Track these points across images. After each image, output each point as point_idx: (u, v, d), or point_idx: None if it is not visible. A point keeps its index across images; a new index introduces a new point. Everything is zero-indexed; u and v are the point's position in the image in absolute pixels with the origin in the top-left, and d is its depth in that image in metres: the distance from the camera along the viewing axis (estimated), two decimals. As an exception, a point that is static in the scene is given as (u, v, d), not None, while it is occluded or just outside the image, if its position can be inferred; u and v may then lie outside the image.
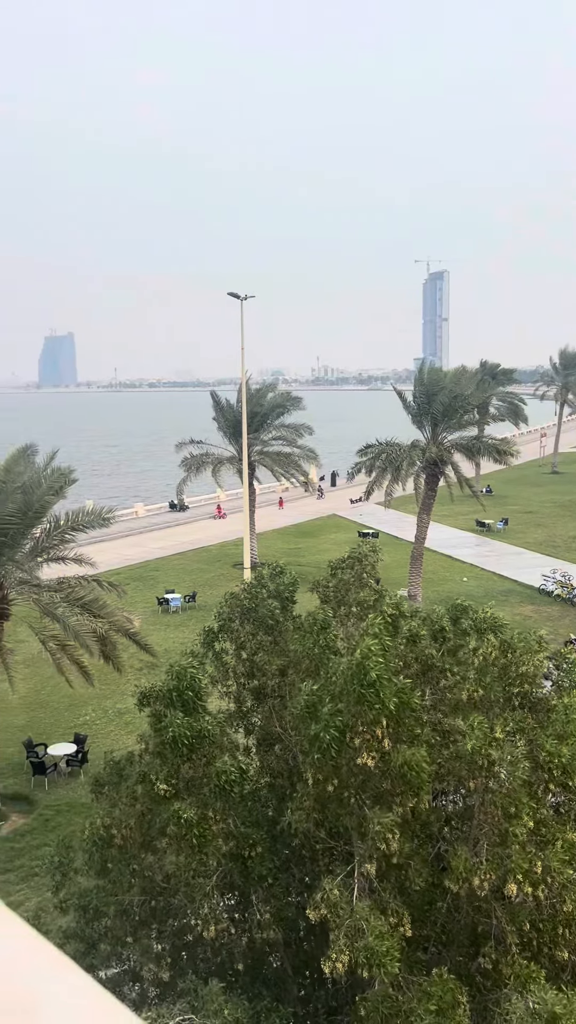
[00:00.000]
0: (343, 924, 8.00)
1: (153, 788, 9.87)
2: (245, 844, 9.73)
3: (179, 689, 10.08)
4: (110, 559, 44.80)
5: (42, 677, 27.57)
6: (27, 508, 19.71)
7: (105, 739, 24.49)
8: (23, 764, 22.82)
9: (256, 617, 11.12)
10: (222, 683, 11.20)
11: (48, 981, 0.64)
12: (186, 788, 9.64)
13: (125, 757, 11.83)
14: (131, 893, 9.51)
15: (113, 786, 11.28)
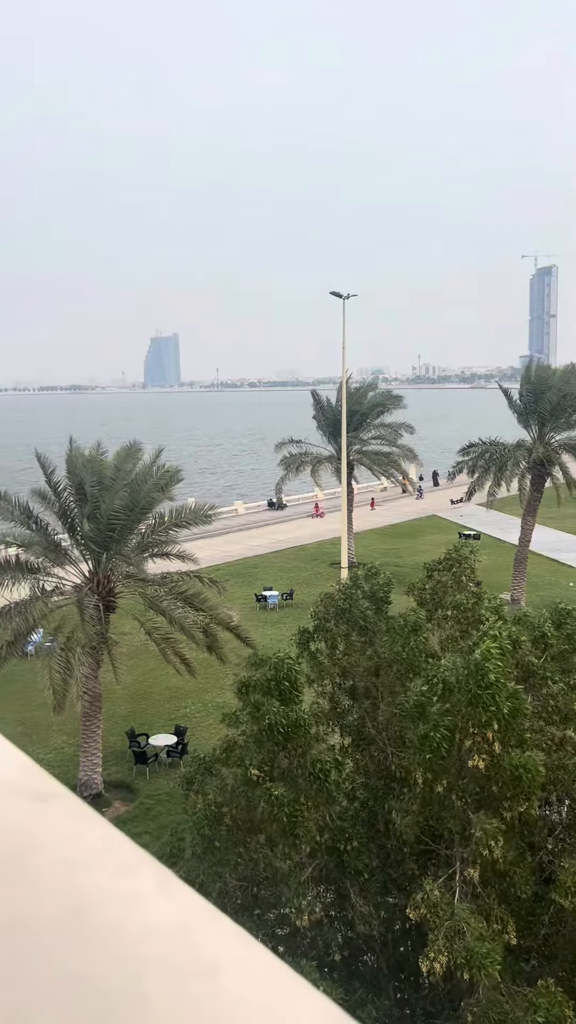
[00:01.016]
0: (443, 924, 7.93)
1: (246, 773, 10.03)
2: (341, 837, 9.76)
3: (277, 679, 10.21)
4: (211, 555, 45.63)
5: (144, 669, 28.33)
6: (134, 504, 20.31)
7: (204, 732, 24.96)
8: (126, 753, 23.53)
9: (350, 618, 11.11)
10: (317, 683, 11.24)
11: (226, 947, 0.66)
12: (281, 777, 9.74)
13: (211, 755, 12.03)
14: (234, 875, 9.68)
15: (201, 783, 11.48)
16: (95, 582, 20.58)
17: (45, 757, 23.63)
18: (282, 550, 52.58)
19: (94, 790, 20.88)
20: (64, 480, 21.21)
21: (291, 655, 10.66)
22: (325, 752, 9.49)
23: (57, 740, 24.70)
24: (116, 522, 20.13)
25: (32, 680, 27.12)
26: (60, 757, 23.61)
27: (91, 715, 20.77)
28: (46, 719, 25.77)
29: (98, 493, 20.40)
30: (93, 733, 20.86)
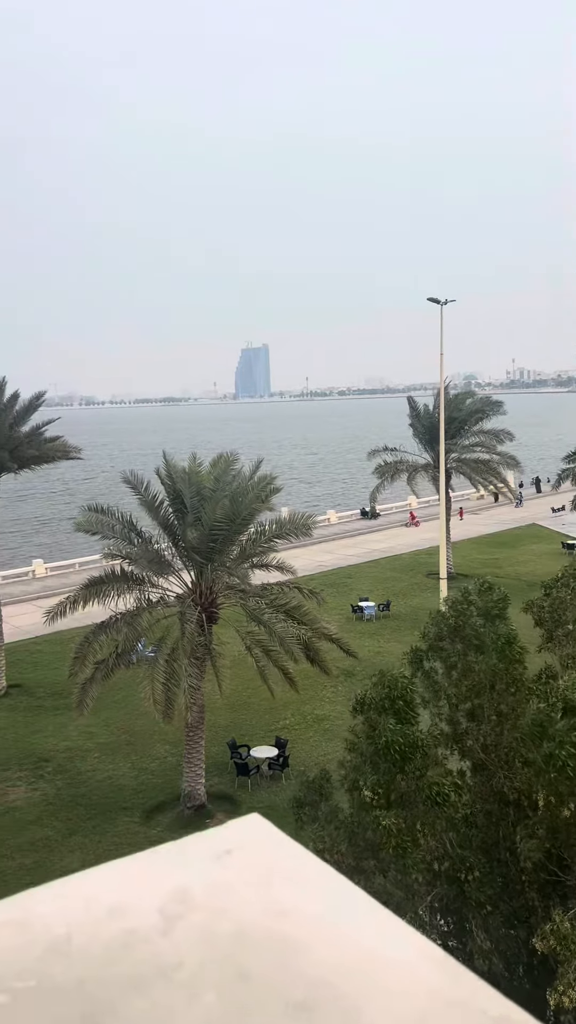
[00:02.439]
0: (574, 958, 7.43)
1: (360, 795, 9.71)
2: (462, 866, 9.33)
3: (391, 698, 9.87)
4: (304, 565, 45.45)
5: (243, 679, 28.29)
6: (235, 515, 20.33)
7: (304, 744, 24.78)
8: (227, 764, 23.56)
9: (463, 636, 10.66)
10: (433, 704, 10.83)
11: (387, 940, 0.62)
12: (399, 801, 9.38)
13: (321, 775, 11.75)
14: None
15: (313, 806, 11.21)
16: (198, 593, 20.70)
17: (149, 766, 23.92)
18: (377, 560, 51.99)
19: (198, 801, 20.95)
20: (164, 492, 21.46)
21: (404, 673, 10.29)
22: (444, 775, 9.09)
23: (160, 749, 24.96)
24: (218, 533, 20.20)
25: (136, 689, 27.62)
26: (163, 767, 23.84)
27: (195, 726, 20.86)
28: (149, 728, 26.13)
29: (199, 504, 20.54)
30: (196, 744, 20.95)
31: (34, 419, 31.77)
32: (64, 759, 24.66)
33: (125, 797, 22.04)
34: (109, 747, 25.36)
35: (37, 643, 37.00)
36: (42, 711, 28.76)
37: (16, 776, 23.64)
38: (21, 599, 45.74)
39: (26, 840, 20.09)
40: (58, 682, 31.13)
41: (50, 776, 23.54)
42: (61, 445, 31.88)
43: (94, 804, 21.73)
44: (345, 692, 28.75)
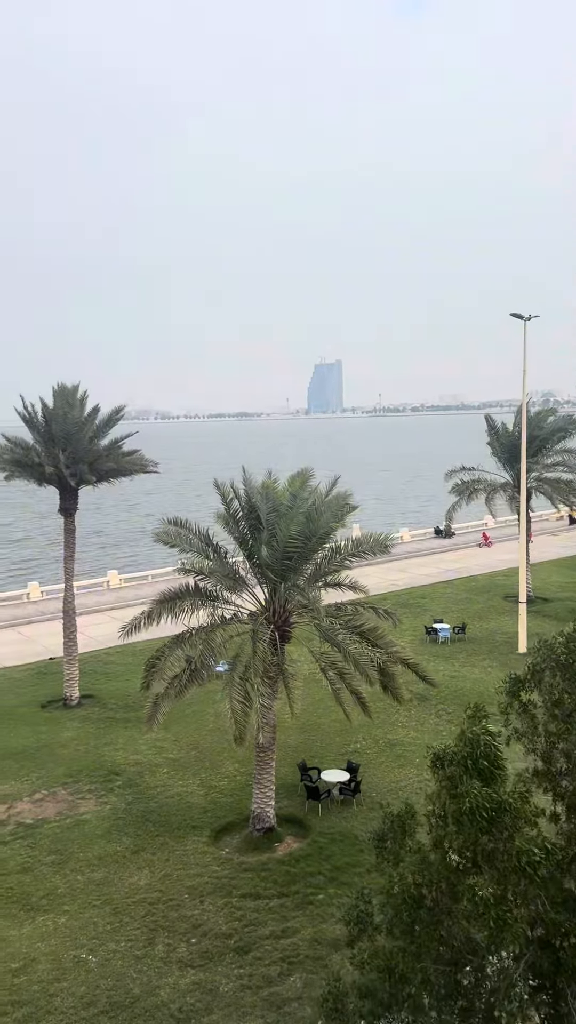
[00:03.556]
0: None
1: (446, 857, 9.13)
2: (556, 932, 8.65)
3: (473, 757, 9.26)
4: (376, 583, 44.74)
5: (314, 699, 27.88)
6: (311, 533, 19.95)
7: (376, 769, 24.12)
8: (297, 786, 23.07)
9: (572, 673, 9.94)
10: (528, 738, 10.14)
11: None
12: (485, 860, 8.77)
13: (406, 811, 11.15)
14: (438, 962, 8.80)
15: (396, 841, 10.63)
16: (271, 611, 20.36)
17: (218, 784, 23.63)
18: (451, 580, 50.88)
19: (267, 824, 20.53)
20: (240, 508, 21.23)
21: (487, 728, 9.59)
22: (533, 841, 8.43)
23: (229, 767, 24.66)
24: (293, 550, 19.84)
25: (206, 704, 27.45)
26: (232, 785, 23.52)
27: (266, 746, 20.48)
28: (218, 745, 25.90)
29: (274, 520, 20.24)
30: (267, 765, 20.55)
31: (112, 432, 32.12)
32: (134, 773, 24.60)
33: (194, 815, 21.78)
34: (179, 763, 25.20)
35: (110, 654, 37.35)
36: (113, 723, 28.86)
37: (87, 788, 23.68)
38: (95, 609, 46.36)
39: (95, 855, 20.01)
40: (130, 694, 31.29)
41: (120, 790, 23.49)
42: (138, 459, 32.12)
43: (163, 821, 21.54)
44: (418, 717, 28.01)
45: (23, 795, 23.38)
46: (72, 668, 31.06)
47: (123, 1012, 14.67)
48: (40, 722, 29.25)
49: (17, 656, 38.12)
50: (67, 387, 30.95)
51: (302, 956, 15.98)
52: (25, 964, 16.12)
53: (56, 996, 15.18)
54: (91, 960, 16.16)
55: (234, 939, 16.61)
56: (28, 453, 30.17)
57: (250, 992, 15.05)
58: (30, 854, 20.17)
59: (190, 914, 17.49)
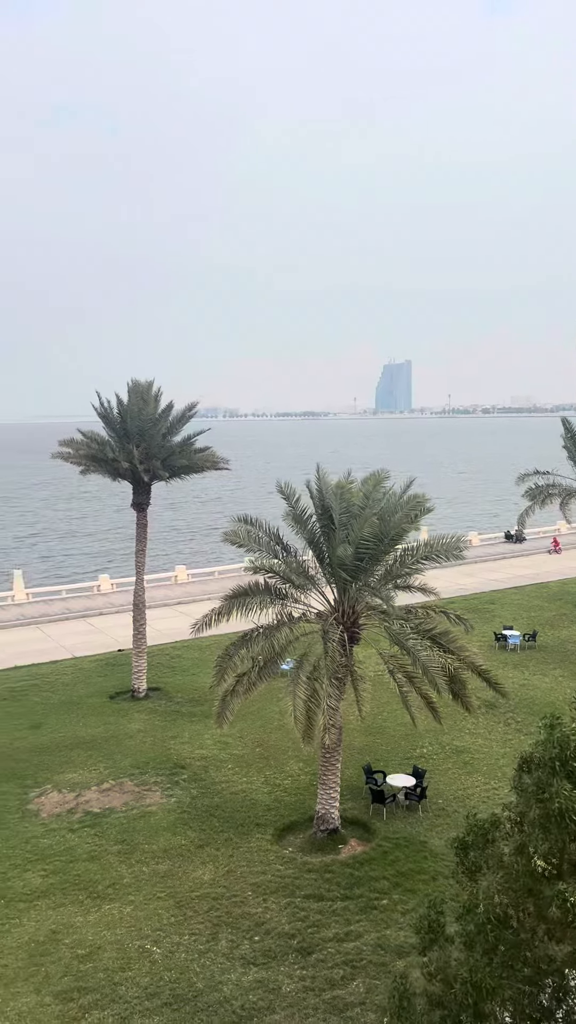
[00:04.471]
0: None
1: (530, 863, 8.84)
2: None
3: (562, 759, 8.94)
4: (444, 587, 43.97)
5: (379, 702, 27.59)
6: (383, 535, 19.73)
7: (443, 776, 23.75)
8: (362, 789, 22.89)
9: None
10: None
11: None
12: (572, 869, 8.47)
13: (490, 820, 10.87)
14: (516, 979, 8.54)
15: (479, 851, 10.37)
16: (340, 612, 20.23)
17: (282, 783, 23.62)
18: (521, 586, 49.84)
19: (331, 825, 20.41)
20: (312, 507, 21.13)
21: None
22: None
23: (293, 766, 24.63)
24: (365, 551, 19.65)
25: (271, 702, 27.45)
26: (296, 785, 23.48)
27: (332, 747, 20.36)
28: (283, 743, 25.90)
29: (347, 521, 20.09)
30: (332, 766, 20.43)
31: (185, 429, 32.41)
32: (199, 768, 24.79)
33: (258, 813, 21.81)
34: (243, 760, 25.29)
35: (177, 648, 37.76)
36: (179, 717, 29.16)
37: (153, 781, 23.96)
38: (163, 603, 46.96)
39: (160, 847, 20.22)
40: (196, 688, 31.59)
41: (185, 784, 23.70)
42: (210, 456, 32.35)
43: (227, 817, 21.64)
44: (487, 724, 27.48)
45: (91, 784, 23.80)
46: (140, 661, 31.50)
47: (186, 1005, 14.77)
48: (108, 713, 29.76)
49: (87, 647, 38.90)
50: (142, 383, 31.37)
51: (365, 961, 15.82)
52: (91, 951, 16.38)
53: (121, 985, 15.37)
54: (155, 951, 16.32)
55: (297, 939, 16.55)
56: (103, 448, 30.71)
57: (312, 994, 14.97)
58: (97, 843, 20.51)
59: (253, 912, 17.50)
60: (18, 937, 16.90)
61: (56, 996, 15.12)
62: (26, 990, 15.31)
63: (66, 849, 20.22)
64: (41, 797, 23.10)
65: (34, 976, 15.69)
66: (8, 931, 17.12)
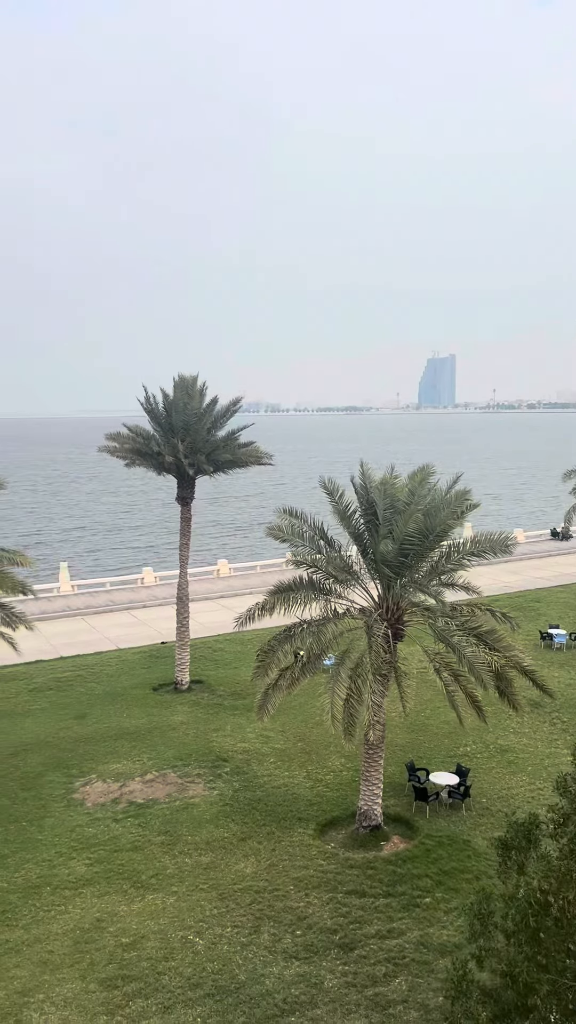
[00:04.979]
0: None
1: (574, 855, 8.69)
2: None
3: None
4: (488, 584, 43.68)
5: (422, 699, 27.46)
6: (429, 531, 19.54)
7: (486, 775, 23.49)
8: (404, 786, 22.77)
9: None
10: None
11: None
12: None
13: (530, 820, 10.72)
14: (564, 975, 8.40)
15: (521, 851, 10.25)
16: (384, 608, 20.10)
17: (324, 778, 23.60)
18: (568, 584, 49.07)
19: (373, 821, 20.33)
20: (357, 503, 21.00)
21: None
22: None
23: (335, 762, 24.59)
24: (409, 547, 19.49)
25: (313, 697, 27.40)
26: (337, 780, 23.43)
27: (376, 744, 20.26)
28: (325, 738, 25.88)
29: (392, 517, 19.93)
30: (375, 762, 20.33)
31: (229, 424, 32.47)
32: (241, 761, 24.89)
33: (300, 808, 21.82)
34: (285, 754, 25.33)
35: (219, 641, 37.97)
36: (222, 710, 29.30)
37: (195, 773, 24.13)
38: (206, 597, 47.24)
39: (203, 839, 20.35)
40: (238, 682, 31.72)
41: (227, 777, 23.81)
42: (254, 451, 32.39)
43: (269, 811, 21.69)
44: (531, 724, 27.11)
45: (135, 775, 24.05)
46: (184, 653, 31.72)
47: (228, 997, 14.85)
48: (152, 704, 30.04)
49: (131, 639, 39.31)
50: (187, 378, 31.50)
51: (408, 959, 15.74)
52: (135, 940, 16.56)
53: (164, 974, 15.52)
54: (198, 942, 16.44)
55: (339, 935, 16.53)
56: (148, 442, 30.95)
57: (355, 990, 14.94)
58: (141, 833, 20.72)
59: (295, 906, 17.52)
60: (64, 924, 17.17)
61: (100, 983, 15.32)
62: (71, 976, 15.55)
63: (110, 839, 20.47)
64: (86, 787, 23.43)
65: (79, 963, 15.93)
66: (54, 918, 17.40)
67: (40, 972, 15.68)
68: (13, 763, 25.11)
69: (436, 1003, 14.42)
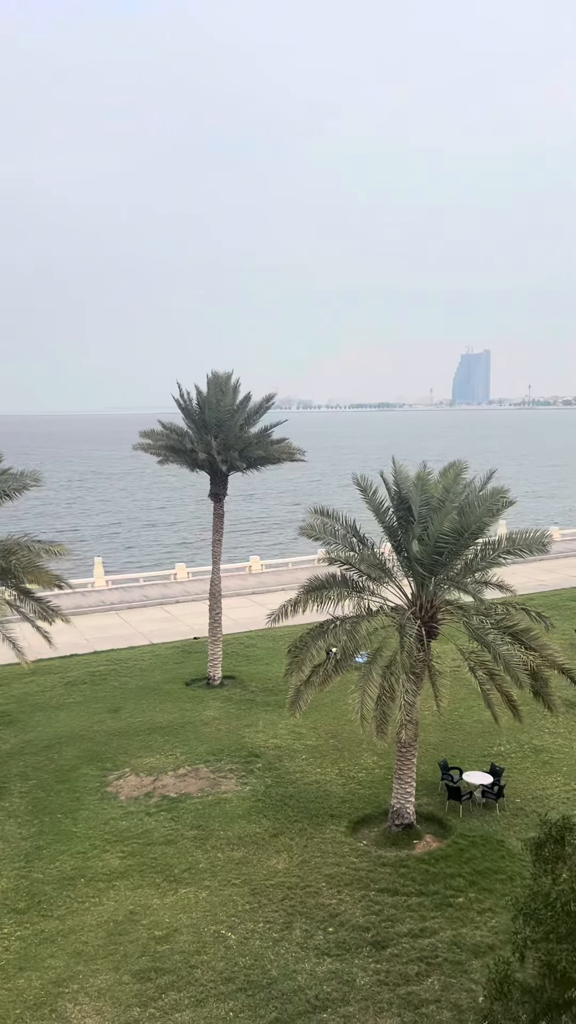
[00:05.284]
0: None
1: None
2: None
3: None
4: (523, 583, 43.17)
5: (456, 697, 27.22)
6: (464, 529, 19.36)
7: (520, 775, 23.28)
8: (437, 785, 22.64)
9: None
10: None
11: None
12: None
13: (561, 822, 10.58)
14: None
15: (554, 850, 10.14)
16: (418, 606, 19.97)
17: (356, 775, 23.56)
18: (604, 583, 48.40)
19: (406, 820, 20.25)
20: (389, 500, 20.88)
21: None
22: None
23: (367, 759, 24.53)
24: (444, 545, 19.34)
25: (344, 694, 27.30)
26: (370, 778, 23.37)
27: (408, 742, 20.17)
28: (356, 736, 25.77)
29: (427, 514, 19.78)
30: (408, 761, 20.24)
31: (262, 421, 32.49)
32: (273, 757, 24.94)
33: (332, 805, 21.81)
34: (317, 750, 25.32)
35: (251, 638, 38.06)
36: (254, 705, 29.38)
37: (228, 768, 24.23)
38: (238, 593, 47.39)
39: (235, 834, 20.43)
40: (270, 678, 31.77)
41: (260, 772, 23.87)
42: (287, 447, 32.37)
43: (301, 807, 21.70)
44: (567, 724, 26.79)
45: (168, 769, 24.21)
46: (216, 649, 31.85)
47: (260, 992, 14.89)
48: (184, 699, 30.22)
49: (164, 633, 39.59)
50: (220, 375, 31.58)
51: (441, 959, 15.65)
52: (168, 933, 16.68)
53: (196, 968, 15.61)
54: (230, 937, 16.51)
55: (371, 933, 16.49)
56: (182, 439, 31.09)
57: (387, 988, 14.90)
58: (173, 827, 20.85)
59: (327, 903, 17.52)
60: (98, 916, 17.35)
61: (134, 975, 15.46)
62: (105, 967, 15.71)
63: (143, 832, 20.64)
64: (119, 780, 23.64)
65: (113, 954, 16.08)
66: (88, 909, 17.59)
67: (75, 963, 15.87)
68: (48, 755, 25.43)
69: (469, 1003, 14.34)
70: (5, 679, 32.88)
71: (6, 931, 16.92)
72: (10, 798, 22.66)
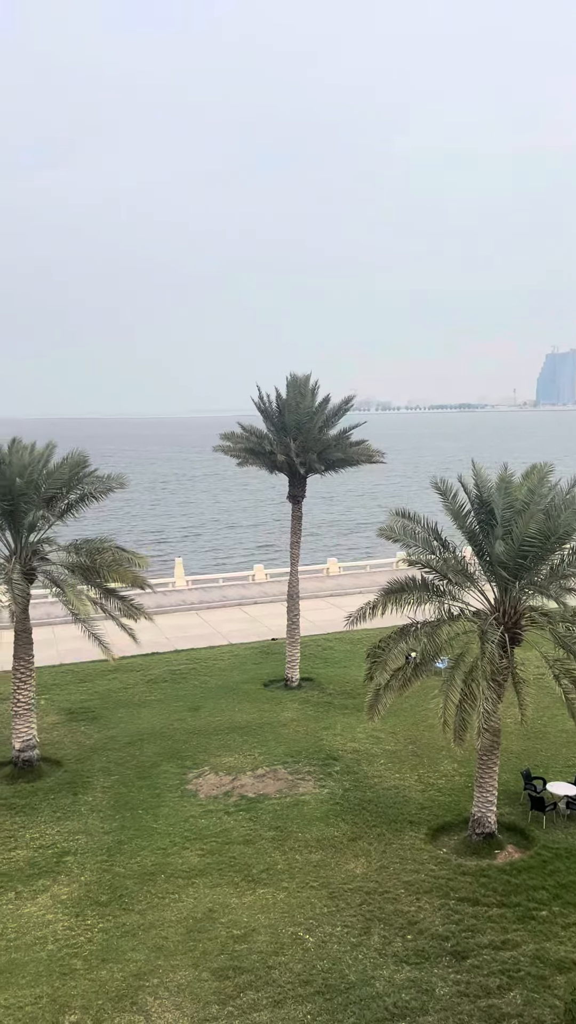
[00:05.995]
0: None
1: None
2: None
3: None
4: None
5: (540, 705, 26.57)
6: (550, 532, 18.84)
7: (608, 787, 22.48)
8: (519, 795, 22.10)
9: None
10: None
11: None
12: None
13: None
14: None
15: None
16: (501, 612, 19.54)
17: (436, 782, 23.22)
18: None
19: (487, 829, 19.83)
20: (470, 503, 20.51)
21: None
22: None
23: (447, 766, 24.14)
24: (529, 549, 18.86)
25: (423, 699, 26.97)
26: (450, 785, 22.99)
27: (490, 750, 19.76)
28: (436, 742, 25.43)
29: (510, 517, 19.35)
30: (490, 769, 19.82)
31: (341, 423, 32.40)
32: (351, 760, 24.82)
33: (411, 811, 21.55)
34: (396, 755, 25.07)
35: (329, 640, 38.01)
36: (331, 708, 29.31)
37: (306, 770, 24.23)
38: (315, 595, 47.41)
39: (313, 836, 20.40)
40: (348, 681, 31.64)
41: (338, 776, 23.79)
42: (366, 449, 32.19)
43: (380, 812, 21.52)
44: None
45: (246, 769, 24.38)
46: (294, 650, 31.93)
47: (338, 996, 14.81)
48: (263, 700, 30.38)
49: (243, 634, 39.92)
50: (299, 377, 31.64)
51: (523, 972, 15.26)
52: (246, 933, 16.77)
53: (274, 969, 15.64)
54: (308, 939, 16.48)
55: (451, 942, 16.21)
56: (261, 442, 31.29)
57: (467, 1000, 14.60)
58: (251, 827, 20.97)
59: (406, 910, 17.31)
60: (177, 912, 17.59)
61: (213, 973, 15.60)
62: (184, 963, 15.90)
63: (222, 831, 20.83)
64: (199, 778, 23.93)
65: (192, 951, 16.27)
66: (168, 905, 17.85)
67: (155, 957, 16.13)
68: (130, 752, 25.97)
69: (553, 1019, 13.93)
70: (89, 676, 33.76)
71: (89, 923, 17.34)
72: (93, 793, 23.22)
